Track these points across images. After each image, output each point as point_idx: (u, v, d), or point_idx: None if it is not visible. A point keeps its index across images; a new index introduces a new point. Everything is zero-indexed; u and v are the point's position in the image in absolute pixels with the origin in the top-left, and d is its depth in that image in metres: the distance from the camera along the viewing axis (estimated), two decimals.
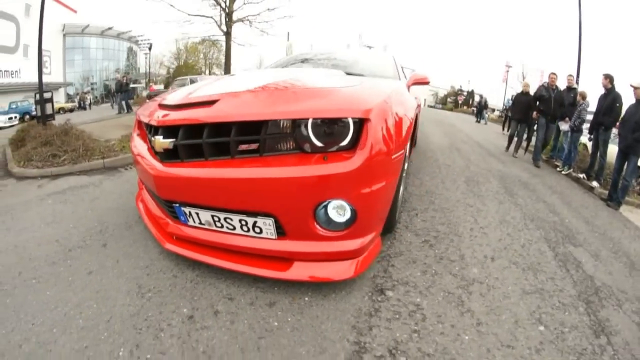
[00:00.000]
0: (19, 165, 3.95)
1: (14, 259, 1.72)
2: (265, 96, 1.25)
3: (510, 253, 1.90)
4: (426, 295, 1.38)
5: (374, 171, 1.14)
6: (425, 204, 2.52)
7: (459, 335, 1.16)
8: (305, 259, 1.26)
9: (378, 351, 1.06)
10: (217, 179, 1.17)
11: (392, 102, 1.33)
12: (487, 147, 6.40)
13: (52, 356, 1.05)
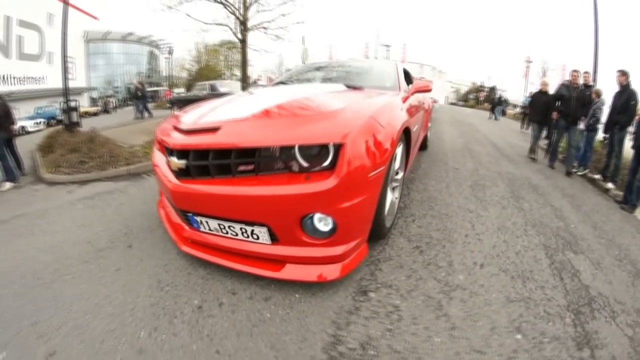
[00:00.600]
0: (49, 171, 4.44)
1: (51, 258, 2.07)
2: (261, 124, 1.47)
3: (502, 260, 1.94)
4: (406, 298, 1.51)
5: (350, 188, 1.32)
6: (425, 210, 2.62)
7: (430, 337, 1.28)
8: (295, 262, 1.46)
9: (351, 344, 1.23)
10: (221, 194, 1.40)
11: (373, 124, 1.50)
12: (502, 147, 6.25)
13: (86, 336, 1.32)
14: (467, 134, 8.05)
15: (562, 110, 4.70)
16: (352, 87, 2.54)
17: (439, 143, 6.11)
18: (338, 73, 3.20)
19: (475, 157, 4.91)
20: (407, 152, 2.32)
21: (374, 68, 3.22)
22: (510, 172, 4.14)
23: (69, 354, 1.25)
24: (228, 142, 1.40)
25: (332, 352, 1.20)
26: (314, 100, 1.76)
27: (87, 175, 4.11)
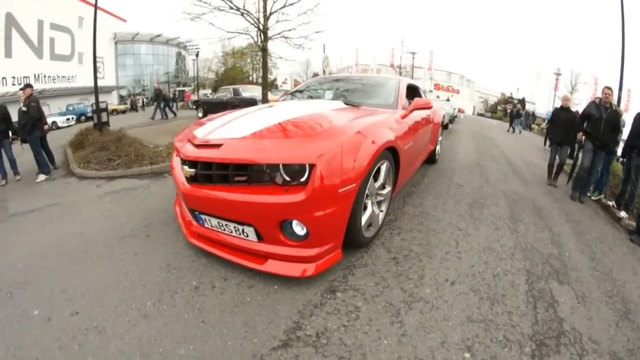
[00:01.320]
0: (80, 166, 5.08)
1: (80, 241, 2.54)
2: (254, 144, 1.80)
3: (476, 281, 2.02)
4: (369, 302, 1.72)
5: (320, 201, 1.59)
6: (413, 224, 2.77)
7: (379, 338, 1.47)
8: (276, 258, 1.76)
9: (309, 332, 1.48)
10: (220, 198, 1.74)
11: (346, 146, 1.74)
12: (517, 165, 6.15)
13: (104, 302, 1.72)
14: (484, 148, 7.97)
15: (588, 132, 4.28)
16: (350, 104, 2.83)
17: (451, 157, 6.14)
18: (342, 88, 3.50)
19: (484, 174, 4.93)
20: (397, 169, 2.50)
21: (375, 85, 3.48)
22: (517, 192, 4.13)
23: (89, 314, 1.64)
24: (227, 157, 1.76)
25: (291, 334, 1.47)
26: (306, 121, 2.07)
27: (114, 172, 4.69)
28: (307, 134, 1.83)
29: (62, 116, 20.27)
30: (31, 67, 24.74)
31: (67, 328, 1.57)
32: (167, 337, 1.48)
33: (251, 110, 2.71)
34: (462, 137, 10.27)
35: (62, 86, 27.23)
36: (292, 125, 2.00)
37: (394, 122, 2.53)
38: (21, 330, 1.58)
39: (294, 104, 2.95)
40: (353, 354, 1.38)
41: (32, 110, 4.95)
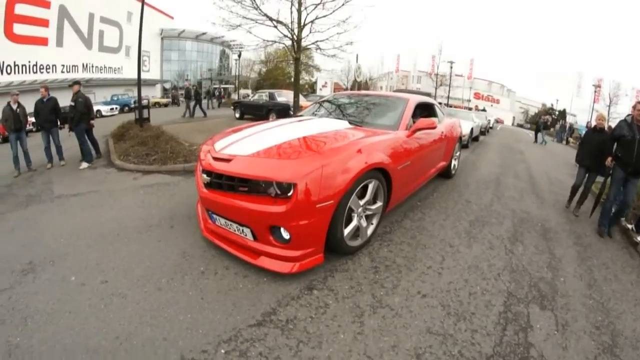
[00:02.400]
0: (120, 158, 5.81)
1: (115, 225, 3.09)
2: (257, 161, 2.19)
3: (449, 296, 2.13)
4: (339, 301, 1.99)
5: (300, 213, 1.93)
6: (406, 238, 2.95)
7: (338, 332, 1.74)
8: (266, 255, 2.12)
9: (281, 317, 1.82)
10: (227, 203, 2.18)
11: (328, 168, 2.05)
12: (539, 183, 5.95)
13: (128, 275, 2.20)
14: (509, 163, 7.76)
15: (619, 157, 3.74)
16: (355, 124, 3.18)
17: (470, 172, 6.11)
18: (354, 107, 3.84)
19: (499, 191, 4.91)
20: (389, 187, 2.74)
21: (382, 105, 3.75)
22: (528, 212, 4.10)
23: (115, 283, 2.12)
24: (233, 171, 2.20)
25: (266, 317, 1.82)
26: (306, 141, 2.48)
27: (150, 167, 5.35)
28: (298, 155, 2.20)
29: (106, 105, 22.30)
30: (80, 57, 27.56)
31: (96, 292, 2.06)
32: (173, 306, 1.91)
33: (266, 127, 3.12)
34: (491, 150, 10.04)
35: (108, 77, 30.15)
36: (289, 146, 2.39)
37: (390, 143, 2.79)
38: (60, 291, 2.09)
39: (304, 122, 3.29)
40: (311, 340, 1.68)
41: (79, 105, 5.78)
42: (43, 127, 5.89)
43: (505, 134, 18.94)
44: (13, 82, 21.43)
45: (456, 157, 5.50)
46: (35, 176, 5.40)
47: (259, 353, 1.58)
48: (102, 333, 1.71)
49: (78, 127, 5.83)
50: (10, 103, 5.65)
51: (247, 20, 7.80)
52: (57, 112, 5.97)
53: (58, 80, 23.47)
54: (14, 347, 1.62)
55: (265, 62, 30.73)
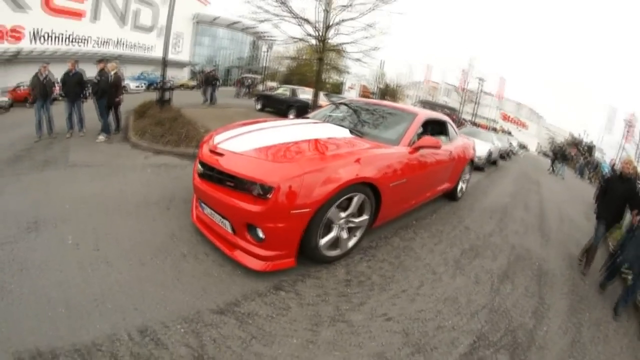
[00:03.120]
0: (135, 136, 6.20)
1: (118, 199, 3.40)
2: (245, 160, 2.35)
3: (415, 325, 2.14)
4: (302, 306, 2.10)
5: (274, 216, 2.07)
6: (389, 256, 2.99)
7: (291, 336, 1.85)
8: (242, 250, 2.28)
9: (243, 310, 1.98)
10: (214, 195, 2.36)
11: (308, 176, 2.15)
12: (549, 219, 5.72)
13: (119, 246, 2.45)
14: (522, 194, 7.56)
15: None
16: (356, 134, 3.26)
17: (479, 197, 6.02)
18: (361, 115, 3.92)
19: (503, 222, 4.81)
20: (379, 203, 2.81)
21: (389, 117, 3.79)
22: (528, 249, 3.99)
23: (106, 251, 2.39)
24: (222, 166, 2.38)
25: (229, 307, 1.99)
26: (299, 146, 2.61)
27: (163, 148, 5.71)
28: (284, 160, 2.34)
29: (134, 81, 23.50)
30: (113, 33, 29.55)
31: (87, 256, 2.32)
32: (150, 281, 2.14)
33: (266, 126, 3.27)
34: (506, 177, 9.80)
35: (139, 54, 32.07)
36: (280, 149, 2.52)
37: (386, 159, 2.84)
38: (56, 250, 2.38)
39: (305, 126, 3.42)
40: (264, 338, 1.82)
41: (103, 82, 6.24)
42: (68, 98, 6.40)
43: (526, 162, 18.46)
44: (47, 50, 23.36)
45: (465, 180, 5.40)
46: (54, 143, 5.92)
47: (212, 338, 1.75)
48: (83, 293, 1.95)
49: (100, 102, 6.29)
50: (39, 72, 6.17)
51: (272, 16, 8.09)
52: (82, 86, 6.49)
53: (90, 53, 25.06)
54: (7, 292, 1.89)
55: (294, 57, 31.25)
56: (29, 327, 1.67)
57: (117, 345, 1.63)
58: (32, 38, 22.88)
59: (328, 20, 8.37)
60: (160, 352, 1.63)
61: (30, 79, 6.33)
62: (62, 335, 1.65)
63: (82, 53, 25.47)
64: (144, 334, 1.72)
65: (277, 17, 8.17)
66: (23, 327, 1.68)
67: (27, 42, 22.54)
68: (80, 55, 24.42)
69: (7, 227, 2.64)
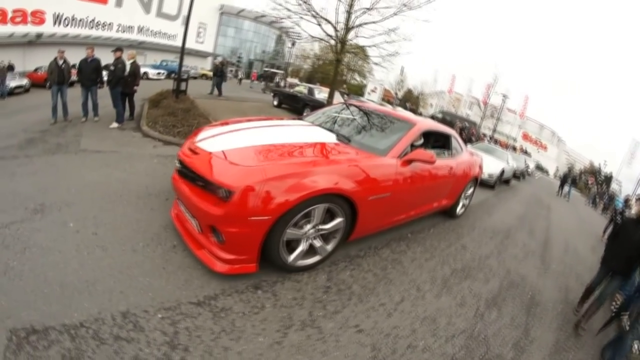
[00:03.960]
0: (147, 125, 6.53)
1: (121, 187, 3.69)
2: (215, 161, 2.42)
3: (386, 341, 2.18)
4: (275, 307, 2.24)
5: (232, 221, 2.12)
6: (375, 268, 3.06)
7: (259, 334, 1.99)
8: (207, 250, 2.36)
9: (219, 304, 2.15)
10: (185, 193, 2.45)
11: (270, 184, 2.14)
12: (552, 248, 5.61)
13: (116, 233, 2.70)
14: (530, 217, 7.45)
15: None
16: (343, 139, 3.21)
17: (483, 215, 6.00)
18: (354, 120, 3.86)
19: (503, 245, 4.78)
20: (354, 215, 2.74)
21: (384, 125, 3.70)
22: (524, 277, 3.96)
23: (103, 236, 2.66)
24: (194, 165, 2.48)
25: (206, 300, 2.18)
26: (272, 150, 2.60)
27: (172, 138, 6.02)
28: (250, 163, 2.36)
29: (154, 69, 24.27)
30: (137, 20, 30.84)
31: (86, 240, 2.58)
32: (139, 268, 2.37)
33: (250, 125, 3.31)
34: (516, 197, 9.72)
35: (161, 42, 33.24)
36: (252, 152, 2.53)
37: (367, 170, 2.73)
38: (57, 233, 2.65)
39: (290, 128, 3.46)
40: (234, 333, 1.98)
41: (118, 70, 6.61)
42: (84, 84, 6.81)
43: (540, 184, 18.21)
44: (69, 34, 24.53)
45: (467, 197, 5.33)
46: (68, 127, 6.36)
47: (186, 327, 1.95)
48: (77, 274, 2.20)
49: (114, 90, 6.69)
50: (56, 58, 6.60)
51: (292, 13, 8.30)
52: (99, 72, 6.89)
53: (112, 39, 26.09)
54: (10, 269, 2.16)
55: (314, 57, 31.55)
56: (26, 302, 1.92)
57: (100, 325, 1.85)
58: (54, 21, 23.98)
59: (349, 22, 8.50)
60: (138, 335, 1.84)
61: (48, 64, 6.75)
62: (54, 312, 1.88)
63: (104, 38, 26.56)
64: (125, 317, 1.94)
65: (296, 14, 8.37)
66: (21, 302, 1.92)
67: (49, 25, 23.65)
68: (102, 40, 25.41)
69: (15, 207, 2.96)
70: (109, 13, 27.86)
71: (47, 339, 1.73)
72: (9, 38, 20.70)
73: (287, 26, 40.11)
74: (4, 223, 2.67)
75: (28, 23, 22.11)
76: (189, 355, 1.79)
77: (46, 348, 1.67)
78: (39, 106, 8.87)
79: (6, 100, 12.50)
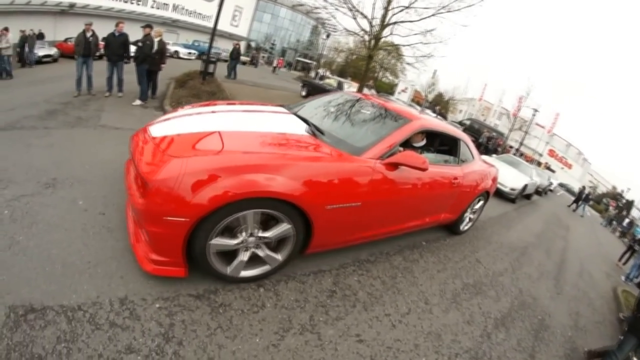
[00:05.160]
0: (170, 104, 6.55)
1: None
2: (146, 147, 2.12)
3: (386, 354, 2.13)
4: (276, 307, 2.17)
5: (148, 218, 1.84)
6: (385, 275, 2.97)
7: (256, 335, 1.93)
8: (141, 244, 2.05)
9: (219, 299, 2.07)
10: (127, 179, 2.24)
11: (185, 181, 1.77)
12: (567, 270, 5.33)
13: (122, 215, 2.66)
14: (548, 236, 7.18)
15: None
16: (315, 132, 2.68)
17: (501, 229, 5.82)
18: (347, 111, 3.35)
19: (518, 263, 4.61)
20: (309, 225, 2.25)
21: (374, 119, 3.13)
22: (535, 298, 3.79)
23: (109, 217, 2.63)
24: (133, 149, 2.26)
25: (206, 294, 2.11)
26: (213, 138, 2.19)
27: None
28: (176, 153, 1.98)
29: (185, 48, 24.40)
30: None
31: (92, 220, 2.57)
32: None
33: (217, 109, 3.00)
34: (536, 214, 9.45)
35: (195, 22, 33.29)
36: (188, 139, 2.17)
37: (326, 172, 2.21)
38: (66, 210, 2.65)
39: (257, 114, 3.08)
40: (230, 331, 1.93)
41: (146, 48, 6.63)
42: (110, 59, 6.87)
43: (562, 202, 17.91)
44: (102, 6, 24.65)
45: (475, 211, 4.66)
46: (91, 101, 6.44)
47: (182, 320, 1.90)
48: (80, 254, 2.18)
49: (140, 67, 6.72)
50: (84, 30, 6.66)
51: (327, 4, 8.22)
52: (126, 48, 6.93)
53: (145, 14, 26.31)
54: (15, 243, 2.16)
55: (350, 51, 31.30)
56: (27, 279, 1.91)
57: (98, 310, 1.83)
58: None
59: (385, 19, 8.36)
60: (133, 323, 1.80)
61: (76, 36, 6.83)
62: (54, 292, 1.87)
63: (138, 13, 26.83)
64: (123, 303, 1.91)
65: (332, 5, 8.28)
66: (22, 278, 1.91)
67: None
68: (136, 15, 25.68)
69: (27, 180, 2.98)
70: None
71: (44, 318, 1.71)
72: (41, 6, 20.97)
73: (323, 17, 40.06)
74: (15, 195, 2.69)
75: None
76: (182, 349, 1.74)
77: (42, 328, 1.66)
78: (64, 77, 9.01)
79: (33, 68, 12.92)
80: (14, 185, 2.84)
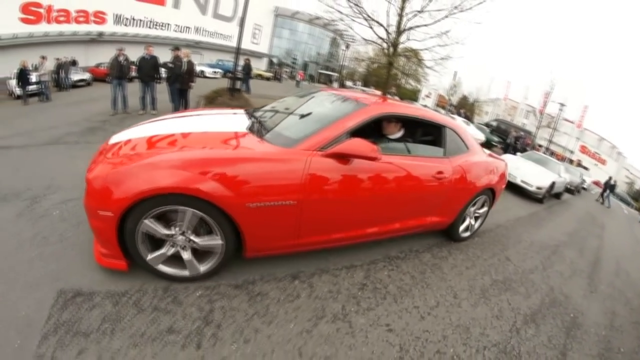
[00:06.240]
0: None
1: None
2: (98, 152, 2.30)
3: (415, 343, 2.11)
4: (311, 298, 2.24)
5: (88, 211, 1.93)
6: (414, 270, 3.00)
7: (290, 321, 1.99)
8: None
9: (256, 289, 2.16)
10: None
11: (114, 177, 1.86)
12: (602, 269, 5.03)
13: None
14: (581, 235, 6.81)
15: None
16: (256, 128, 2.56)
17: (532, 228, 5.64)
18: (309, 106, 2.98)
19: (549, 261, 4.40)
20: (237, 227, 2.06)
21: (328, 111, 2.78)
22: (567, 296, 3.57)
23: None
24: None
25: (245, 284, 2.23)
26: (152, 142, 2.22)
27: None
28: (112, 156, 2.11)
29: (210, 68, 25.47)
30: (194, 20, 32.66)
31: None
32: None
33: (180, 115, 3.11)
34: (568, 213, 8.96)
35: (218, 42, 35.11)
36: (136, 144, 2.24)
37: (248, 167, 2.01)
38: None
39: (211, 117, 3.07)
40: (266, 317, 2.01)
41: (176, 68, 7.01)
42: (142, 80, 7.31)
43: (592, 198, 16.92)
44: (128, 33, 26.52)
45: (479, 214, 4.04)
46: (127, 118, 6.89)
47: (221, 306, 2.00)
48: None
49: (172, 86, 7.12)
50: (117, 55, 7.13)
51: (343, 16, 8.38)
52: (157, 69, 7.36)
53: (169, 39, 27.91)
54: (64, 239, 2.37)
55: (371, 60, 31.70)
56: (76, 269, 2.09)
57: (142, 296, 1.96)
58: (114, 21, 26.08)
59: (400, 25, 8.44)
60: (176, 307, 1.92)
61: (110, 60, 7.34)
62: (102, 280, 2.03)
63: (162, 38, 28.45)
64: (166, 291, 2.03)
65: (348, 17, 8.45)
66: (72, 268, 2.09)
67: (110, 25, 25.77)
68: (161, 40, 27.23)
69: (73, 187, 3.24)
70: (166, 14, 29.83)
71: (91, 301, 1.85)
72: (72, 36, 22.95)
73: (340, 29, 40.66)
74: (63, 199, 2.95)
75: (90, 22, 24.26)
76: (220, 331, 1.83)
77: (89, 310, 1.80)
78: (99, 98, 9.63)
79: (70, 92, 13.92)
80: (61, 191, 3.10)
